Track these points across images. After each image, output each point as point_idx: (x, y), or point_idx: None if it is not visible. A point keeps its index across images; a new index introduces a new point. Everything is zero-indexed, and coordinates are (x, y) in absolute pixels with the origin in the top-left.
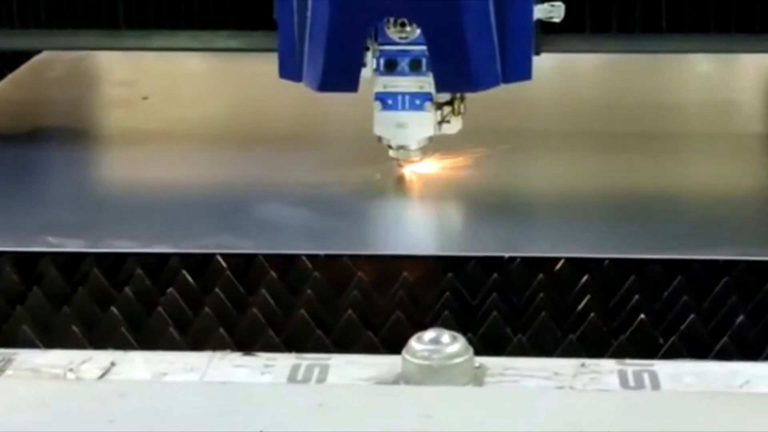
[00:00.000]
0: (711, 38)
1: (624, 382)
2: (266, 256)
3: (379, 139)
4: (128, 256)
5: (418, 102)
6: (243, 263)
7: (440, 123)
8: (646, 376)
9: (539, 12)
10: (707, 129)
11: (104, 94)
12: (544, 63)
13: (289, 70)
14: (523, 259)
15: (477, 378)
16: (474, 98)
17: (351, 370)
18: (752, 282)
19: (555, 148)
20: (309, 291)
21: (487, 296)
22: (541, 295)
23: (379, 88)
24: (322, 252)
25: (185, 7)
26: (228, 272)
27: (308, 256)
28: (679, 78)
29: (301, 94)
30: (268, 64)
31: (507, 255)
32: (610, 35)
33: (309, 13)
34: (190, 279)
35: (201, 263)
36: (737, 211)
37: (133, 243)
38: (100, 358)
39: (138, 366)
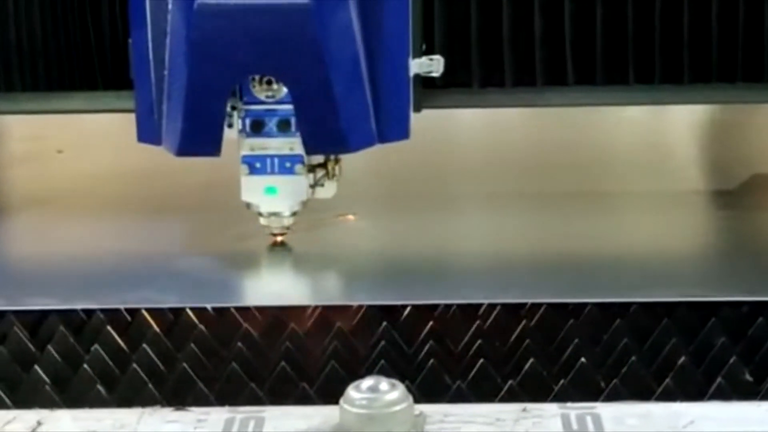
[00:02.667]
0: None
1: (567, 425)
2: (193, 309)
3: (248, 205)
4: (50, 313)
5: (288, 165)
6: (170, 318)
7: (313, 187)
8: (589, 419)
9: (417, 66)
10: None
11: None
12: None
13: (148, 134)
14: (460, 306)
15: (417, 425)
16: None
17: (287, 422)
18: (692, 323)
19: (467, 207)
20: (240, 343)
21: (424, 344)
22: (479, 341)
23: (245, 151)
24: (252, 304)
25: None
26: (155, 327)
27: (238, 308)
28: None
29: None
30: None
31: (443, 302)
32: (498, 90)
33: (167, 72)
34: (115, 335)
35: (126, 319)
36: (672, 260)
37: (54, 300)
38: (26, 417)
39: (66, 424)
